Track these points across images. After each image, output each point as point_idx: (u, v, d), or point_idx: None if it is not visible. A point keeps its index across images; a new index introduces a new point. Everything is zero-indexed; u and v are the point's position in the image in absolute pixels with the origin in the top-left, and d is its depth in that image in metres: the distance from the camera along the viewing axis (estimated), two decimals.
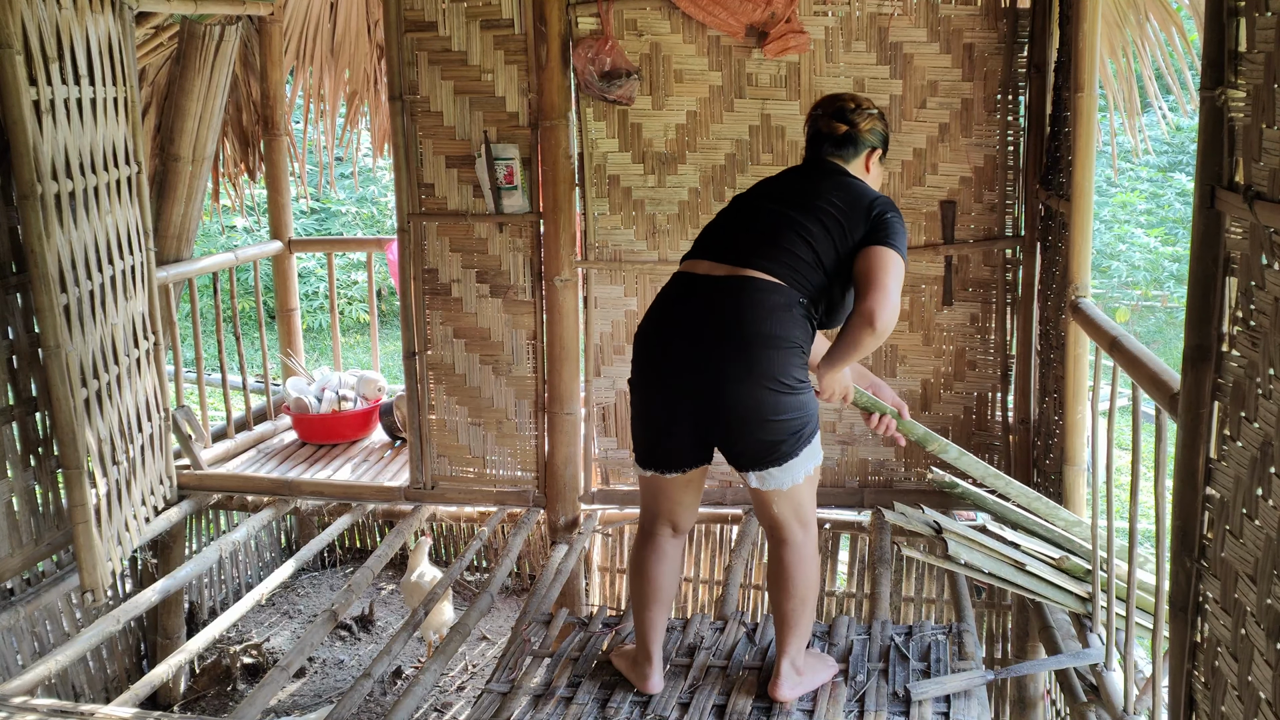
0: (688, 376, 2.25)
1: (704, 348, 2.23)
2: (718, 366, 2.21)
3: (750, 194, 2.44)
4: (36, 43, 2.99)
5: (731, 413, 2.23)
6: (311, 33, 4.98)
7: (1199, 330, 1.71)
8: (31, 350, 3.47)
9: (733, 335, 2.20)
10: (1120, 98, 4.06)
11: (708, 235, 2.39)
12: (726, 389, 2.21)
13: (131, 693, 2.87)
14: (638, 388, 2.37)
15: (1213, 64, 1.62)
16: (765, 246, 2.28)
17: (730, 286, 2.25)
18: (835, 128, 2.45)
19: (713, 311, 2.24)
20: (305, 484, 4.04)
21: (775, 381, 2.20)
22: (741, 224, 2.35)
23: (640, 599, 2.48)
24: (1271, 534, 1.48)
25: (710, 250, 2.34)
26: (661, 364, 2.30)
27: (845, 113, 2.46)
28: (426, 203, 3.69)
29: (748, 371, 2.19)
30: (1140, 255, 9.45)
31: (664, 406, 2.32)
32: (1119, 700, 2.36)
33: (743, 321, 2.21)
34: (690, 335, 2.25)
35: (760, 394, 2.20)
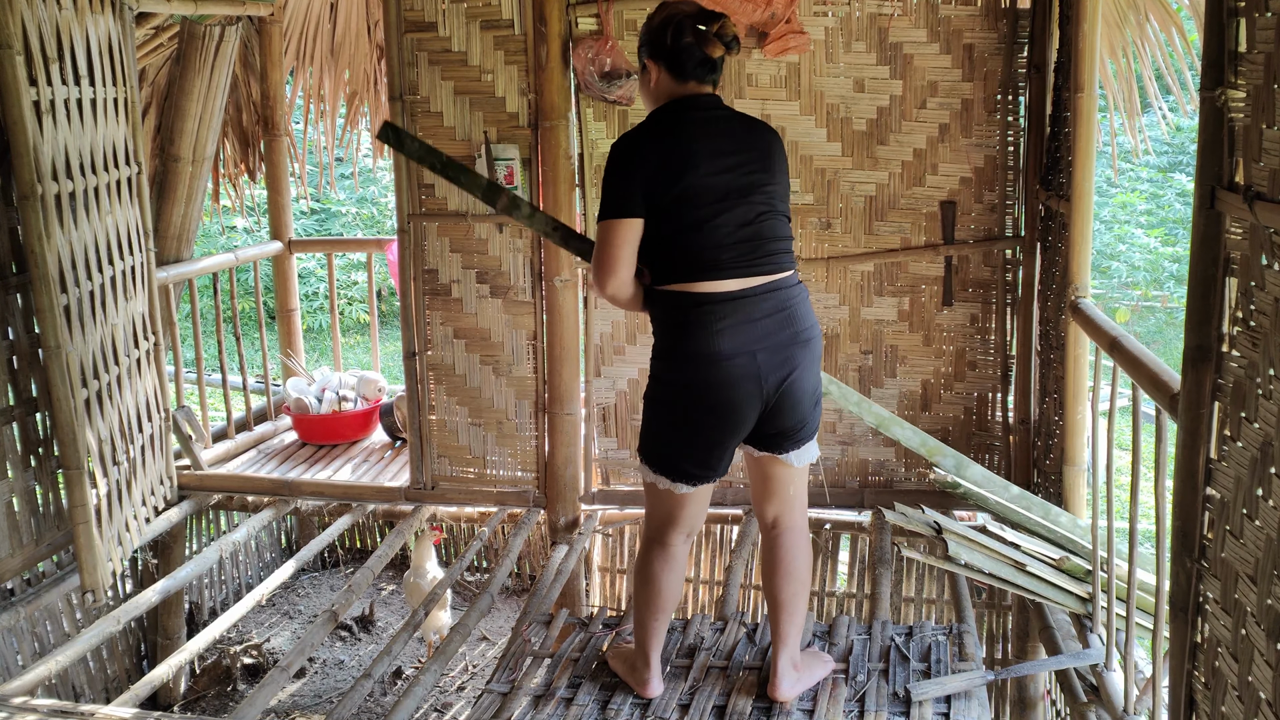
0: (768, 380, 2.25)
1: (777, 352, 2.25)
2: (793, 365, 2.28)
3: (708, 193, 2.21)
4: (36, 43, 2.99)
5: (800, 404, 2.32)
6: (311, 33, 4.98)
7: (1199, 331, 1.71)
8: (32, 350, 3.47)
9: (798, 333, 2.29)
10: (1120, 98, 4.06)
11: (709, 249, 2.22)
12: (802, 384, 2.30)
13: (132, 693, 2.87)
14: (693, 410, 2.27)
15: (1213, 64, 1.62)
16: (774, 244, 2.29)
17: (774, 290, 2.27)
18: (715, 48, 2.23)
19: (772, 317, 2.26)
20: (305, 484, 4.04)
21: (820, 363, 2.39)
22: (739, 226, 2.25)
23: (649, 608, 2.47)
24: (1272, 534, 1.48)
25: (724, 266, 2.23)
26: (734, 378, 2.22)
27: (728, 40, 2.25)
28: (426, 203, 3.69)
29: (814, 361, 2.34)
30: (1140, 256, 9.45)
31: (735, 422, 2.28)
32: (1119, 701, 2.36)
33: (799, 317, 2.30)
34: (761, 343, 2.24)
35: (817, 379, 2.37)
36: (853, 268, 3.57)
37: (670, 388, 2.31)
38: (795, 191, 3.53)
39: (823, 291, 3.60)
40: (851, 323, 3.61)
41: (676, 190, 2.20)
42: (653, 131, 2.25)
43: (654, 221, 2.22)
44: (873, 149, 3.48)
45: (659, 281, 2.27)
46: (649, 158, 2.21)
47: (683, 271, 2.23)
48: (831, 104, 3.46)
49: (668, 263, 2.24)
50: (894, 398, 3.64)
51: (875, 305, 3.59)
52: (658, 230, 2.22)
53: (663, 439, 2.35)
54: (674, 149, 2.21)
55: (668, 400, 2.32)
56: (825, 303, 3.61)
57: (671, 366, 2.29)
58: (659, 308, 2.29)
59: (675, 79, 2.27)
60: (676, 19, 2.25)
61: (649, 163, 2.21)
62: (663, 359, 2.31)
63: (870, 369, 3.64)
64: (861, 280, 3.59)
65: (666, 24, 2.26)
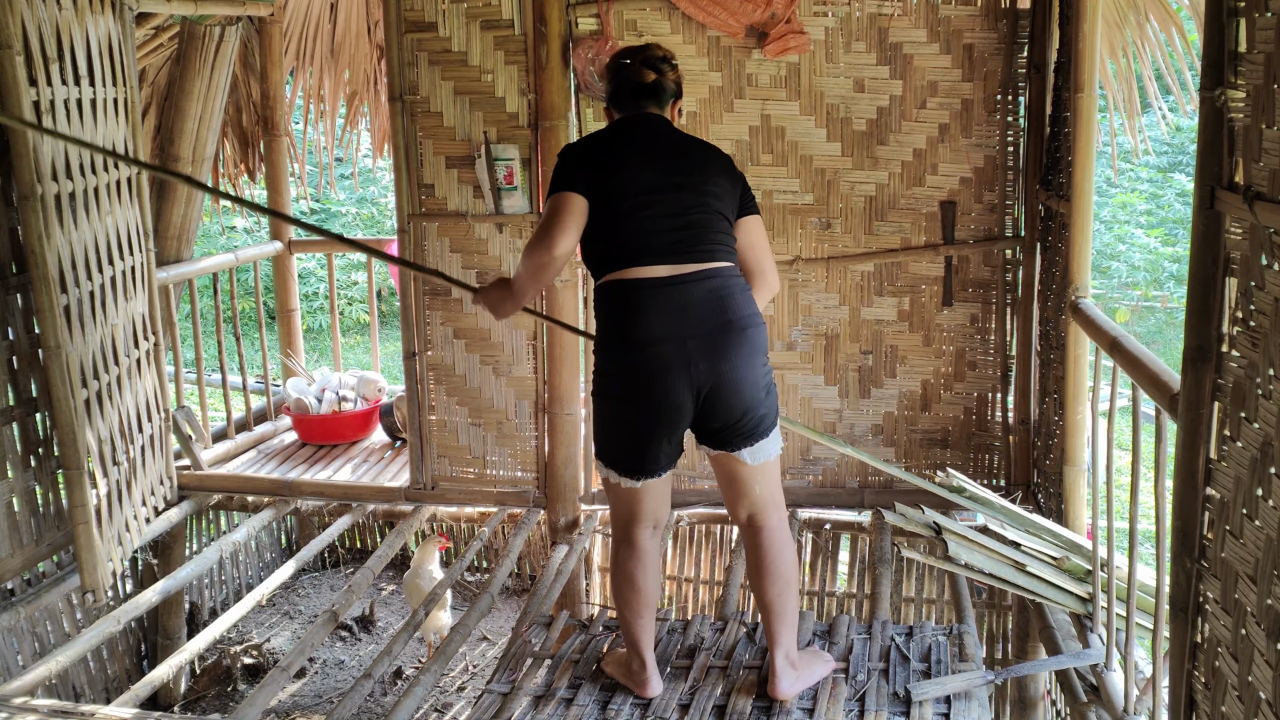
0: (698, 367, 2.24)
1: (709, 339, 2.24)
2: (725, 353, 2.25)
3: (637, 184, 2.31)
4: (37, 43, 2.99)
5: (738, 395, 2.28)
6: (311, 33, 4.98)
7: (1199, 331, 1.71)
8: (32, 351, 3.47)
9: (732, 322, 2.26)
10: (1120, 98, 4.06)
11: (640, 237, 2.29)
12: (737, 374, 2.26)
13: (132, 693, 2.87)
14: (628, 398, 2.30)
15: (1213, 64, 1.62)
16: (709, 235, 2.31)
17: (707, 278, 2.27)
18: (646, 75, 2.43)
19: (705, 304, 2.26)
20: (305, 484, 4.04)
21: (764, 356, 2.33)
22: (671, 217, 2.30)
23: (630, 607, 2.46)
24: (1272, 534, 1.48)
25: (655, 252, 2.28)
26: (664, 363, 2.25)
27: (654, 61, 2.45)
28: (427, 203, 3.69)
29: (752, 351, 2.28)
30: (1140, 256, 9.45)
31: (667, 409, 2.28)
32: (1119, 701, 2.36)
33: (734, 305, 2.28)
34: (692, 329, 2.24)
35: (758, 371, 2.30)
36: (853, 268, 3.57)
37: (604, 377, 2.35)
38: (795, 191, 3.53)
39: (823, 291, 3.60)
40: (851, 323, 3.61)
41: (608, 185, 2.32)
42: (591, 138, 2.43)
43: (591, 217, 2.32)
44: (873, 149, 3.48)
45: (598, 275, 2.36)
46: (585, 156, 2.36)
47: (616, 260, 2.31)
48: (831, 104, 3.46)
49: (604, 254, 2.33)
50: (894, 398, 3.64)
51: (875, 305, 3.60)
52: (594, 225, 2.33)
53: (604, 432, 2.39)
54: (608, 151, 2.38)
55: (602, 391, 2.36)
56: (825, 303, 3.61)
57: (604, 356, 2.34)
58: (598, 301, 2.36)
59: (619, 111, 2.49)
60: (612, 65, 2.50)
61: (585, 160, 2.35)
62: (598, 350, 2.36)
63: (870, 369, 3.64)
64: (861, 280, 3.59)
65: (607, 72, 2.51)
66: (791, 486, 3.71)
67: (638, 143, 2.39)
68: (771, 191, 3.55)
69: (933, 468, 3.66)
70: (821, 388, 3.67)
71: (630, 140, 2.39)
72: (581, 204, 2.31)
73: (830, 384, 3.67)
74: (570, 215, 2.30)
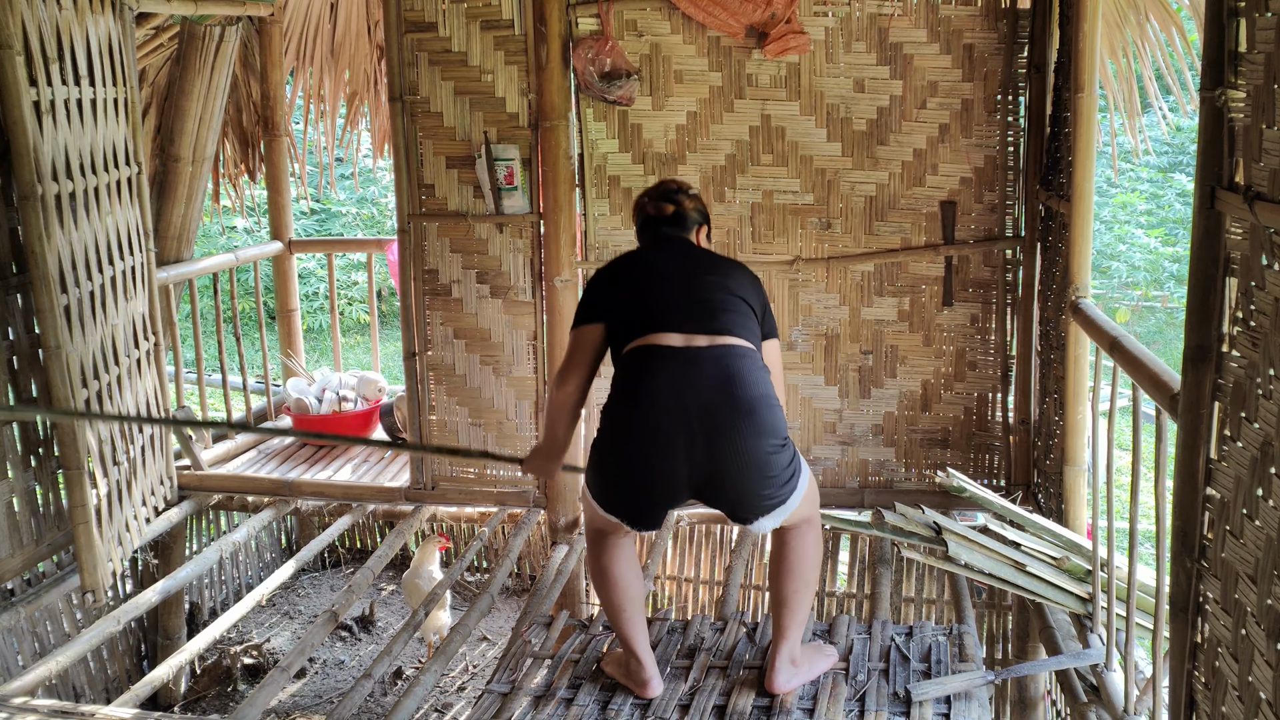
0: (697, 444, 2.20)
1: (712, 415, 2.20)
2: (727, 433, 2.20)
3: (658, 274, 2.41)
4: (37, 43, 2.99)
5: (740, 479, 2.22)
6: (312, 33, 4.98)
7: (1199, 331, 1.71)
8: (32, 351, 3.47)
9: (739, 399, 2.22)
10: (1120, 98, 4.06)
11: (655, 310, 2.34)
12: (739, 456, 2.20)
13: (132, 693, 2.87)
14: (624, 463, 2.28)
15: (1213, 64, 1.62)
16: (724, 314, 2.32)
17: (719, 353, 2.27)
18: (664, 208, 2.55)
19: (714, 378, 2.24)
20: (306, 484, 4.04)
21: (779, 437, 2.25)
22: (688, 295, 2.35)
23: (615, 605, 2.45)
24: (1272, 534, 1.48)
25: (671, 323, 2.31)
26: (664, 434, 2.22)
27: (670, 193, 2.56)
28: (427, 203, 3.69)
29: (758, 432, 2.21)
30: (1140, 256, 9.45)
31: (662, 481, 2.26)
32: (1119, 701, 2.36)
33: (744, 383, 2.24)
34: (698, 402, 2.21)
35: (763, 453, 2.21)
36: (853, 268, 3.57)
37: (604, 435, 2.32)
38: (795, 191, 3.53)
39: (823, 292, 3.61)
40: (851, 323, 3.61)
41: (630, 280, 2.44)
42: (620, 257, 2.54)
43: (614, 307, 2.41)
44: (873, 149, 3.48)
45: (618, 350, 2.40)
46: (612, 272, 2.48)
47: (634, 330, 2.35)
48: (831, 104, 3.46)
49: (624, 330, 2.38)
50: (894, 398, 3.64)
51: (875, 305, 3.60)
52: (617, 306, 2.41)
53: (598, 480, 2.34)
54: (633, 260, 2.50)
55: (600, 446, 2.32)
56: (825, 303, 3.61)
57: (608, 415, 2.32)
58: (616, 369, 2.38)
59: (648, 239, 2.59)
60: (637, 204, 2.63)
61: (612, 275, 2.47)
62: (607, 402, 2.35)
63: (870, 369, 3.64)
64: (861, 280, 3.59)
65: (634, 213, 2.64)
66: None
67: (663, 249, 2.50)
68: (771, 191, 3.55)
69: (933, 468, 3.67)
70: (821, 388, 3.67)
71: (655, 249, 2.51)
72: (597, 334, 2.43)
73: (830, 384, 3.67)
74: (584, 352, 2.43)
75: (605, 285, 2.46)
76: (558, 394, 2.45)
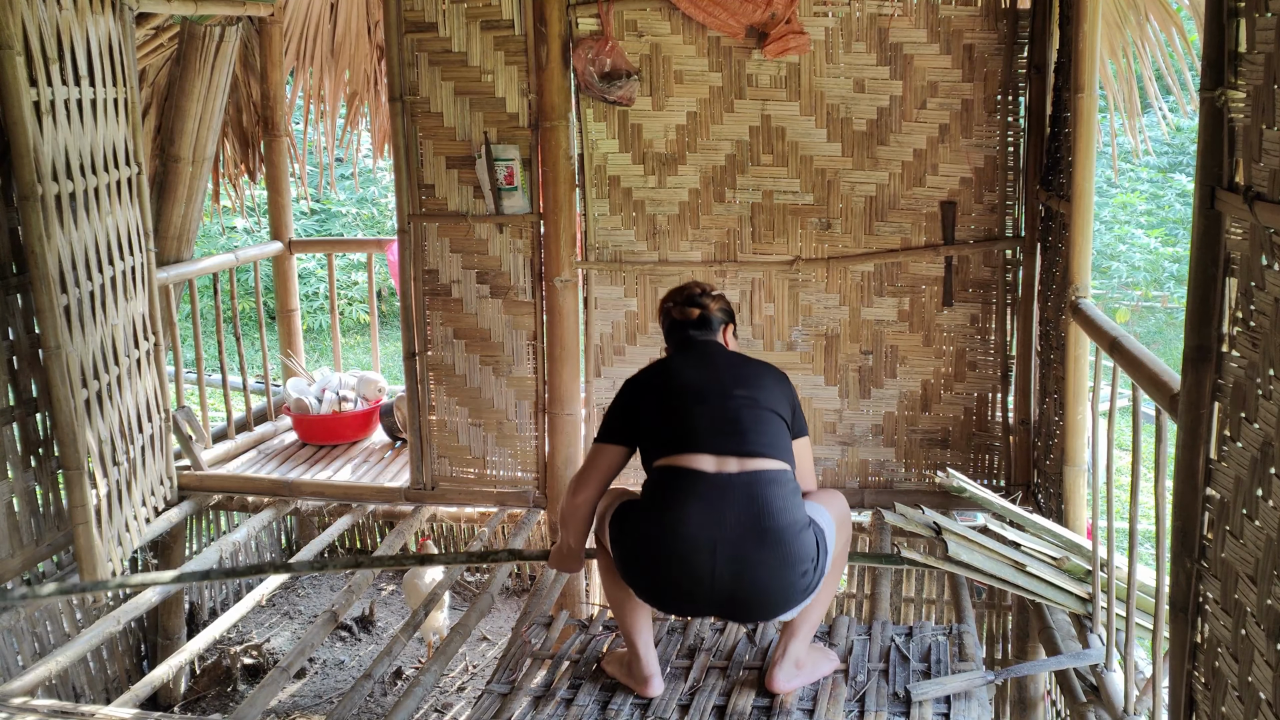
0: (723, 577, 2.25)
1: (738, 546, 2.24)
2: (752, 563, 2.25)
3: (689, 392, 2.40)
4: (37, 43, 2.99)
5: (760, 606, 2.30)
6: (312, 34, 4.98)
7: (1199, 331, 1.71)
8: (32, 351, 3.47)
9: (767, 530, 2.24)
10: (1120, 98, 4.06)
11: (686, 429, 2.35)
12: (760, 586, 2.26)
13: (132, 693, 2.87)
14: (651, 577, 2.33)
15: (1212, 65, 1.62)
16: (755, 433, 2.33)
17: (750, 479, 2.28)
18: (689, 313, 2.57)
19: (742, 506, 2.26)
20: (305, 485, 4.04)
21: (804, 564, 2.28)
22: (720, 415, 2.35)
23: (624, 605, 2.47)
24: (1272, 534, 1.48)
25: (702, 444, 2.32)
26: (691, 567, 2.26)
27: (695, 298, 2.59)
28: (427, 203, 3.69)
29: (783, 563, 2.25)
30: (1140, 256, 9.45)
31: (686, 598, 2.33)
32: (1119, 701, 2.36)
33: (774, 513, 2.25)
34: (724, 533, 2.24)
35: (789, 580, 2.27)
36: (853, 268, 3.57)
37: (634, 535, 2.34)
38: (795, 192, 3.53)
39: (823, 292, 3.61)
40: (851, 323, 3.61)
41: (661, 397, 2.44)
42: (651, 367, 2.56)
43: (643, 429, 2.44)
44: (873, 149, 3.48)
45: (648, 460, 2.42)
46: (643, 384, 2.50)
47: (665, 448, 2.37)
48: (832, 104, 3.46)
49: (654, 445, 2.40)
50: (894, 398, 3.64)
51: (875, 305, 3.60)
52: (647, 427, 2.43)
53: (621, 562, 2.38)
54: (664, 372, 2.51)
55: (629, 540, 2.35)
56: (825, 303, 3.61)
57: (640, 518, 2.34)
58: (647, 477, 2.40)
59: (674, 348, 2.61)
60: (662, 308, 2.65)
61: (642, 388, 2.49)
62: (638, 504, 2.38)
63: (870, 369, 3.64)
64: (862, 280, 3.59)
65: (659, 316, 2.66)
66: None
67: (691, 360, 2.51)
68: (772, 192, 3.55)
69: (933, 468, 3.67)
70: (822, 388, 3.67)
71: (684, 360, 2.52)
72: (619, 456, 2.47)
73: (830, 384, 3.67)
74: (602, 470, 2.47)
75: (634, 403, 2.47)
76: (571, 502, 2.50)
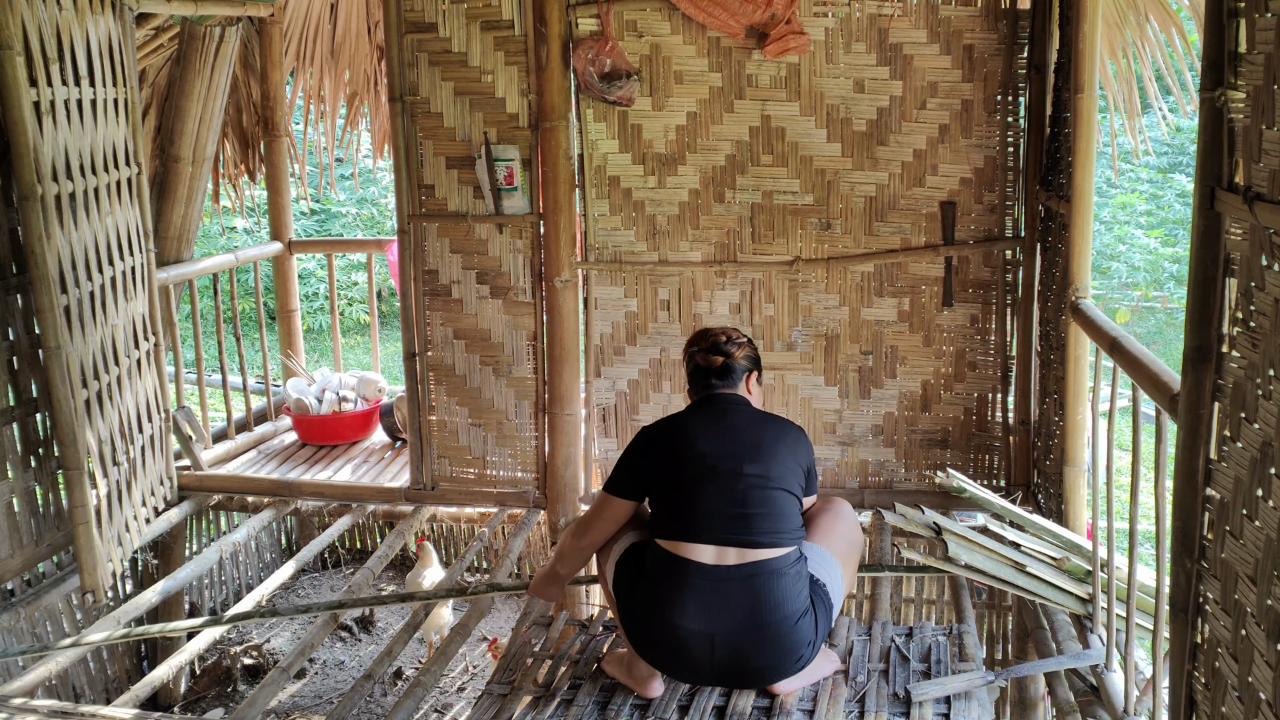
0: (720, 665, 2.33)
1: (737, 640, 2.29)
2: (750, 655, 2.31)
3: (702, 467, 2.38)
4: (37, 44, 2.99)
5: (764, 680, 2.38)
6: (312, 34, 4.98)
7: (1199, 331, 1.71)
8: (32, 351, 3.47)
9: (765, 624, 2.28)
10: (1120, 99, 4.06)
11: (690, 513, 2.35)
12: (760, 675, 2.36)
13: (132, 694, 2.87)
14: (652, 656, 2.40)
15: (1212, 65, 1.62)
16: (761, 519, 2.33)
17: (750, 572, 2.30)
18: (713, 361, 2.54)
19: (741, 600, 2.29)
20: (306, 485, 4.04)
21: (804, 649, 2.34)
22: (726, 498, 2.34)
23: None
24: (1272, 535, 1.48)
25: (705, 532, 2.33)
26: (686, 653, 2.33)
27: (719, 345, 2.55)
28: (427, 204, 3.69)
29: (781, 652, 2.31)
30: (1140, 256, 9.45)
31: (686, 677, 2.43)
32: (1119, 701, 2.36)
33: (771, 606, 2.28)
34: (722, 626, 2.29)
35: (787, 664, 2.34)
36: (853, 268, 3.57)
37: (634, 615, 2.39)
38: (795, 192, 3.53)
39: (823, 292, 3.61)
40: (851, 323, 3.61)
41: (672, 464, 2.41)
42: (669, 421, 2.52)
43: (656, 486, 2.43)
44: (873, 149, 3.48)
45: (654, 535, 2.42)
46: (658, 440, 2.47)
47: (670, 530, 2.37)
48: (831, 104, 3.46)
49: (662, 520, 2.40)
50: (894, 398, 3.64)
51: (875, 306, 3.60)
52: (658, 495, 2.42)
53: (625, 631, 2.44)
54: (680, 433, 2.46)
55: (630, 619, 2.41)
56: (825, 303, 3.61)
57: (639, 600, 2.38)
58: (651, 555, 2.41)
59: (696, 394, 2.58)
60: (687, 353, 2.62)
61: (657, 444, 2.46)
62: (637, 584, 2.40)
63: (870, 369, 3.64)
64: (861, 281, 3.59)
65: (685, 359, 2.63)
66: None
67: (709, 422, 2.46)
68: (772, 192, 3.55)
69: (933, 468, 3.67)
70: (822, 388, 3.68)
71: (703, 422, 2.47)
72: (626, 510, 2.48)
73: (830, 384, 3.67)
74: (607, 522, 2.49)
75: (646, 464, 2.45)
76: (572, 543, 2.54)
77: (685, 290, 3.66)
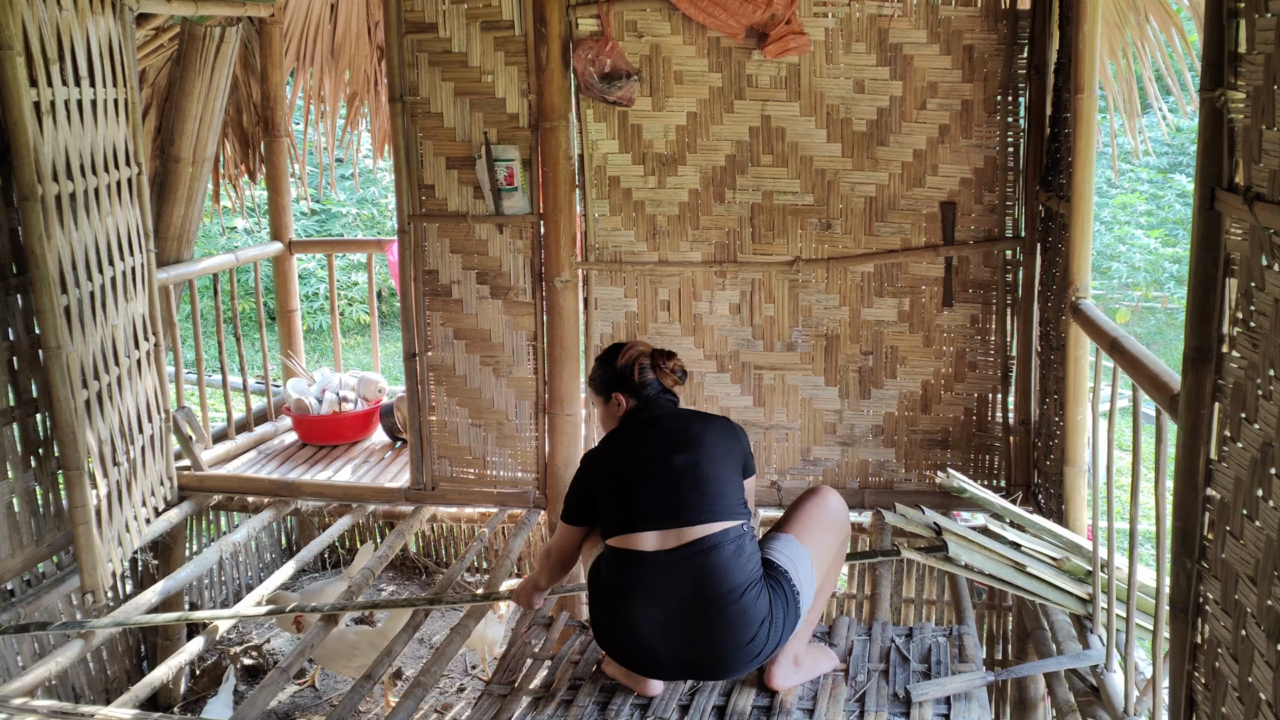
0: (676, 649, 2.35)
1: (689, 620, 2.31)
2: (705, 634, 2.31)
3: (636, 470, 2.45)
4: (37, 44, 2.99)
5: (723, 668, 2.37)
6: (312, 34, 4.98)
7: (1199, 331, 1.71)
8: (32, 351, 3.47)
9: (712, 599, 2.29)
10: (1120, 99, 4.06)
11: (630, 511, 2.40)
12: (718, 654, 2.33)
13: (131, 694, 2.87)
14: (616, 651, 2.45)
15: (1212, 65, 1.62)
16: (698, 501, 2.35)
17: (692, 551, 2.32)
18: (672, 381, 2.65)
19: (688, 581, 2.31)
20: (306, 485, 4.04)
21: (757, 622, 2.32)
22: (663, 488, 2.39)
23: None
24: (1272, 535, 1.48)
25: (646, 521, 2.37)
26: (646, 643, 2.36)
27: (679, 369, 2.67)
28: (427, 204, 3.69)
29: (732, 626, 2.30)
30: (1140, 256, 9.45)
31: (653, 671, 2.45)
32: (1119, 702, 2.36)
33: (718, 578, 2.29)
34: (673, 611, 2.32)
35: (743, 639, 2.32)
36: (853, 268, 3.57)
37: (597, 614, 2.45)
38: (795, 192, 3.53)
39: (823, 292, 3.61)
40: (851, 323, 3.61)
41: (613, 476, 2.48)
42: (608, 446, 2.58)
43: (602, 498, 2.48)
44: (873, 150, 3.48)
45: (604, 538, 2.46)
46: (599, 475, 2.52)
47: (613, 527, 2.42)
48: (831, 105, 3.46)
49: (606, 522, 2.45)
50: (894, 398, 3.64)
51: (875, 306, 3.60)
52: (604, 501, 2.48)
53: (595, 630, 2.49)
54: (614, 449, 2.54)
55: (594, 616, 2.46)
56: (825, 303, 3.61)
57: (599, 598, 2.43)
58: (604, 564, 2.46)
59: (640, 404, 2.62)
60: (637, 359, 2.63)
61: (597, 479, 2.52)
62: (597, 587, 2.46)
63: (870, 370, 3.64)
64: (861, 281, 3.59)
65: (630, 365, 2.62)
66: (792, 488, 3.71)
67: (640, 429, 2.54)
68: (771, 192, 3.55)
69: (933, 468, 3.66)
70: (822, 388, 3.68)
71: (634, 431, 2.55)
72: (579, 536, 2.60)
73: (830, 385, 3.67)
74: (565, 548, 2.63)
75: (590, 487, 2.52)
76: (543, 561, 2.70)
77: (685, 290, 3.66)
